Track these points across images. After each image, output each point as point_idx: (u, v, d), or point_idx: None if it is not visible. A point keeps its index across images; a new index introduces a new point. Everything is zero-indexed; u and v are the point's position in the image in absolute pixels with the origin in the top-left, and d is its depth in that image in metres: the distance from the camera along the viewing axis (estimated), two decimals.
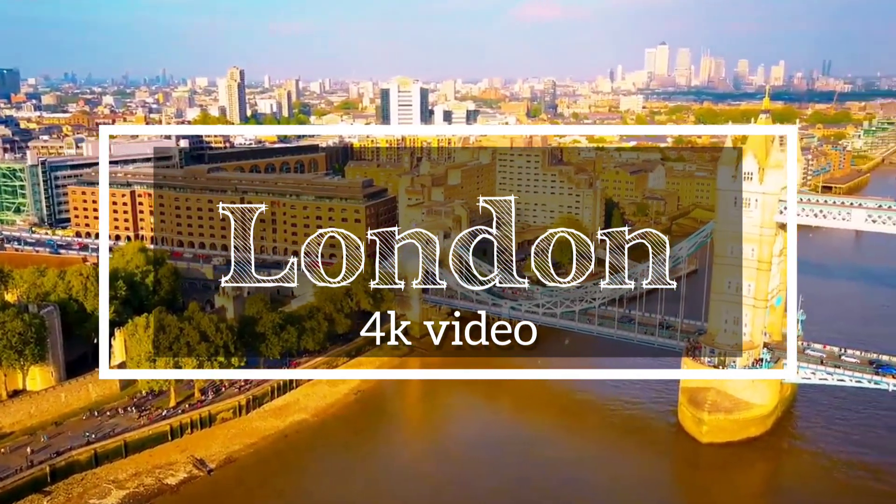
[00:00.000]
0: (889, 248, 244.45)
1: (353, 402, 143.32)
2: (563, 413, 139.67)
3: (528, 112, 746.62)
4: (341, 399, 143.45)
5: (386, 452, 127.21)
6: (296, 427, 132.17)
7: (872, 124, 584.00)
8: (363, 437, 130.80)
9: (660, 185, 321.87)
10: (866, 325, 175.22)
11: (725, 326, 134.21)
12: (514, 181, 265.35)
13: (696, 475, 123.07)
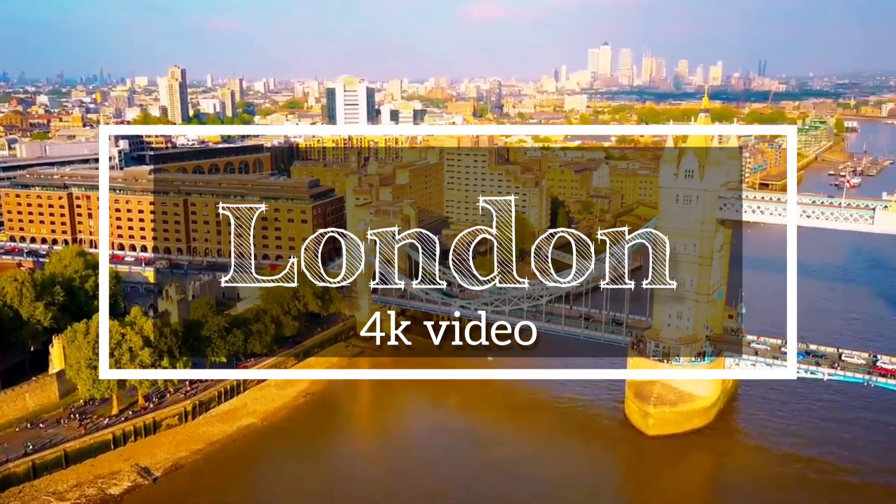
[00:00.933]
0: (823, 243, 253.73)
1: (303, 404, 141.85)
2: (513, 410, 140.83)
3: (474, 112, 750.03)
4: (290, 402, 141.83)
5: (338, 454, 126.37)
6: (244, 431, 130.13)
7: (805, 123, 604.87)
8: (314, 440, 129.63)
9: (604, 183, 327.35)
10: (804, 317, 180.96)
11: (669, 321, 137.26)
12: (462, 181, 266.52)
13: (642, 468, 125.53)
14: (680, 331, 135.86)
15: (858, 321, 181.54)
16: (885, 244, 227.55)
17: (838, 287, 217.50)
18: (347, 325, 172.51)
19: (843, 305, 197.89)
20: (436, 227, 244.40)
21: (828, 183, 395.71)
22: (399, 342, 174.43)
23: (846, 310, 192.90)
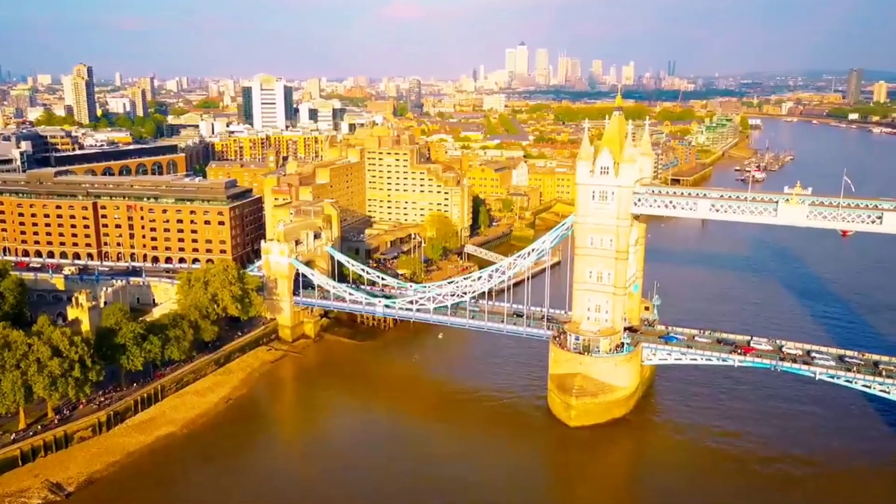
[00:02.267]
0: (731, 235, 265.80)
1: (225, 410, 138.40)
2: (439, 408, 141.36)
3: (394, 111, 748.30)
4: (212, 408, 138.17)
5: (264, 459, 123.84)
6: (163, 441, 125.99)
7: (713, 121, 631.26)
8: (238, 446, 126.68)
9: (523, 181, 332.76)
10: (715, 306, 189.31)
11: (588, 314, 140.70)
12: (383, 179, 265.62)
13: (566, 458, 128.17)
14: (599, 323, 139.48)
15: (765, 309, 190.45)
16: (788, 235, 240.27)
17: (747, 277, 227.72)
18: (269, 329, 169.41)
19: (751, 295, 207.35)
20: (358, 226, 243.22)
21: (734, 178, 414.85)
22: (323, 343, 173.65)
23: (754, 299, 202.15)
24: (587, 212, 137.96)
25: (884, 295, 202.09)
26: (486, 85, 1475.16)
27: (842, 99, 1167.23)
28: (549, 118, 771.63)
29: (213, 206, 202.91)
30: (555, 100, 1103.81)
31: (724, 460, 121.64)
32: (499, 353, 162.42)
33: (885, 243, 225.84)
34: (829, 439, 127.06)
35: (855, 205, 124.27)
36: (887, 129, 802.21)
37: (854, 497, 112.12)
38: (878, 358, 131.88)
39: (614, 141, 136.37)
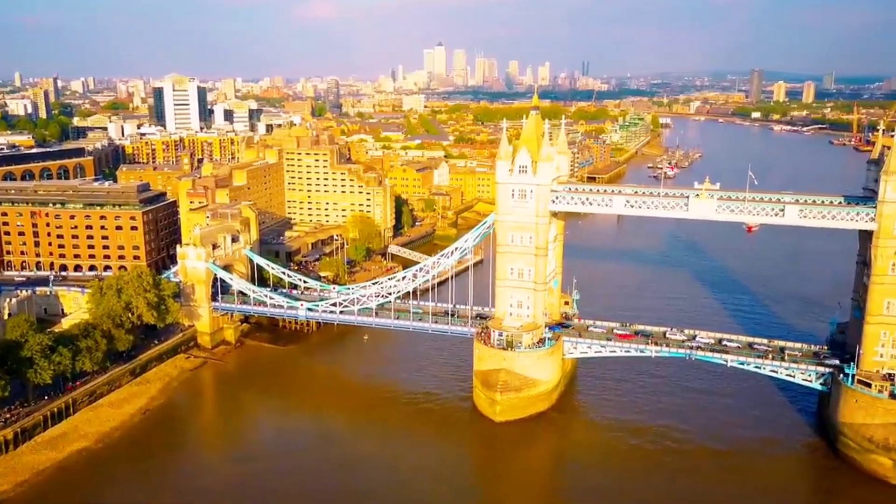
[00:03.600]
0: (645, 230, 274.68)
1: (143, 421, 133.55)
2: (365, 408, 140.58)
3: (312, 111, 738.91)
4: (127, 420, 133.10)
5: (186, 470, 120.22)
6: (76, 457, 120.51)
7: (626, 120, 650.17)
8: (158, 458, 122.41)
9: (444, 181, 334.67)
10: (632, 299, 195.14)
11: (510, 310, 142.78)
12: (303, 181, 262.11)
13: (492, 453, 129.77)
14: (521, 319, 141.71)
15: (679, 301, 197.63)
16: (698, 229, 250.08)
17: (661, 270, 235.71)
18: (187, 336, 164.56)
19: (665, 287, 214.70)
20: (278, 228, 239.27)
21: (647, 175, 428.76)
22: (244, 349, 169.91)
23: (669, 291, 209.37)
24: (507, 210, 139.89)
25: (787, 284, 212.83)
26: (406, 85, 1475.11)
27: (745, 98, 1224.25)
28: (469, 118, 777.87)
29: (124, 210, 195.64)
30: (473, 100, 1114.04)
31: (643, 449, 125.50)
32: (424, 353, 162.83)
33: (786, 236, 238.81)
34: (741, 423, 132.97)
35: (760, 199, 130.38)
36: (787, 126, 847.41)
37: (764, 478, 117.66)
38: (783, 344, 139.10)
39: (532, 140, 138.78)
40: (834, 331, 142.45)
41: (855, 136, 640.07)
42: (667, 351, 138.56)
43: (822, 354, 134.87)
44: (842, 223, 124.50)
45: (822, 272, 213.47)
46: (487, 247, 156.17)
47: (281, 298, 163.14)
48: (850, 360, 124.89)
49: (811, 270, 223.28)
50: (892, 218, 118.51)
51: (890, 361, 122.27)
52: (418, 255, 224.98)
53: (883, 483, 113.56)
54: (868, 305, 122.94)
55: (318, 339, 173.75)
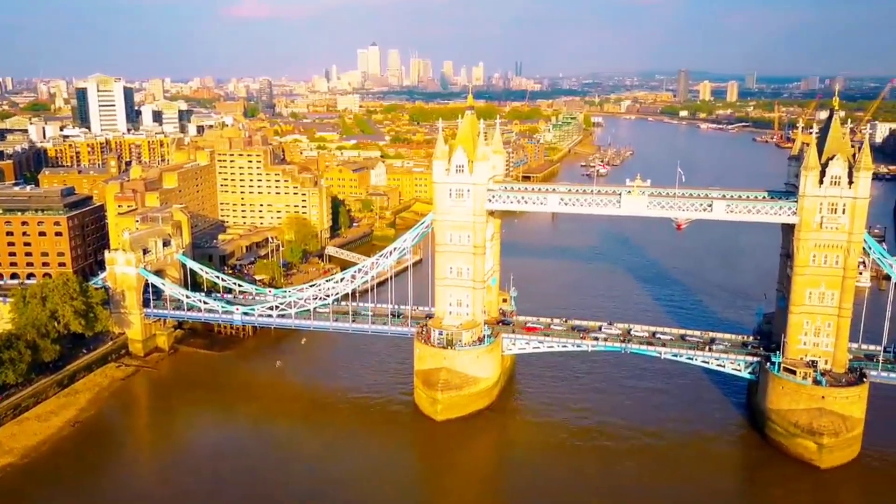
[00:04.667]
0: (579, 227, 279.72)
1: (72, 434, 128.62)
2: (306, 411, 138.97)
3: (245, 112, 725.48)
4: (56, 434, 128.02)
5: (119, 483, 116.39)
6: (1, 474, 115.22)
7: (559, 119, 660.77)
8: (89, 472, 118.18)
9: (382, 181, 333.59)
10: (568, 295, 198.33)
11: (450, 309, 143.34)
12: (236, 182, 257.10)
13: (434, 451, 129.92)
14: (461, 317, 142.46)
15: (614, 296, 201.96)
16: (630, 226, 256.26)
17: (595, 267, 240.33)
18: (118, 344, 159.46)
19: (600, 283, 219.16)
20: (211, 231, 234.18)
21: (580, 173, 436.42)
22: (178, 356, 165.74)
23: (603, 287, 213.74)
24: (445, 209, 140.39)
25: (716, 278, 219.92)
26: (340, 85, 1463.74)
27: (673, 97, 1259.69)
28: (404, 118, 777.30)
29: (48, 216, 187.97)
30: (409, 100, 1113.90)
31: (580, 442, 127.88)
32: (364, 354, 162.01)
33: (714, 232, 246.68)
34: (675, 413, 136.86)
35: (688, 195, 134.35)
36: (713, 124, 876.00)
37: (697, 465, 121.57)
38: (714, 335, 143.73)
39: (468, 140, 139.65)
40: (761, 321, 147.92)
41: (776, 134, 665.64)
42: (603, 345, 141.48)
43: (749, 344, 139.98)
44: (766, 217, 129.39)
45: (748, 265, 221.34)
46: (426, 246, 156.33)
47: (215, 303, 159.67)
48: (776, 348, 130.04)
49: (738, 264, 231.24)
50: (811, 211, 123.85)
51: (813, 349, 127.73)
52: (356, 256, 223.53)
53: (808, 465, 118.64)
54: (791, 296, 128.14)
55: (255, 344, 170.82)
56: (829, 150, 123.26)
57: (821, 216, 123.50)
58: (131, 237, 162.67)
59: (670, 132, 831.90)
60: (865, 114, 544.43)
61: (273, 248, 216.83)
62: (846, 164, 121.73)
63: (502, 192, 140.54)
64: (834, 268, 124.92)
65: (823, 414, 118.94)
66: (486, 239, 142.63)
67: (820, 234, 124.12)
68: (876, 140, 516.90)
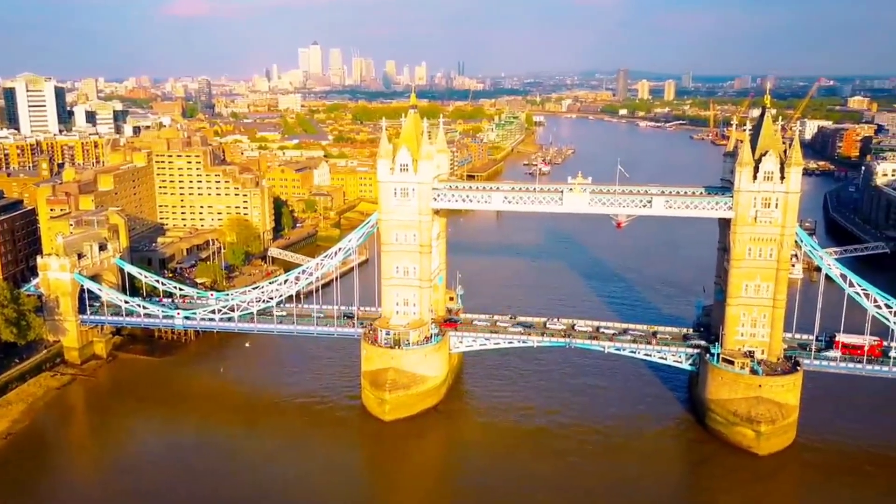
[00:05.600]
0: (523, 225, 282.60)
1: (5, 448, 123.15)
2: (251, 416, 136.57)
3: (183, 112, 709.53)
4: None
5: (59, 495, 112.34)
6: None
7: (502, 119, 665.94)
8: (26, 485, 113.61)
9: (325, 181, 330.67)
10: (513, 292, 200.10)
11: (397, 308, 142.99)
12: (175, 184, 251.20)
13: (382, 451, 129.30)
14: (408, 317, 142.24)
15: (559, 292, 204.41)
16: (573, 223, 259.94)
17: (540, 263, 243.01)
18: (53, 352, 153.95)
19: (545, 279, 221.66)
20: (150, 235, 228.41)
21: (524, 172, 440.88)
22: (117, 363, 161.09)
23: (548, 283, 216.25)
24: (390, 208, 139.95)
25: (657, 272, 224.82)
26: (281, 85, 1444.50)
27: (612, 96, 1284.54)
28: (347, 118, 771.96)
29: None
30: (351, 99, 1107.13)
31: (527, 437, 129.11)
32: (310, 357, 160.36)
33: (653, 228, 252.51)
34: (619, 406, 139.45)
35: (629, 191, 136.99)
36: (651, 122, 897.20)
37: (642, 455, 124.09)
38: (655, 328, 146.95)
39: (412, 138, 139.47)
40: (700, 314, 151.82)
41: (712, 131, 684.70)
42: (548, 340, 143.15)
43: (689, 336, 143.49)
44: (703, 212, 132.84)
45: (687, 260, 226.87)
46: (372, 246, 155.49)
47: (155, 308, 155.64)
48: (715, 340, 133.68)
49: (678, 258, 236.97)
50: (746, 206, 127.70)
51: (750, 340, 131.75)
52: (300, 258, 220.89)
53: (747, 453, 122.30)
54: (729, 288, 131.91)
55: (198, 349, 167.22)
56: (762, 147, 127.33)
57: (755, 210, 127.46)
58: (65, 241, 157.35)
59: (610, 130, 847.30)
60: (795, 112, 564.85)
61: (214, 250, 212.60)
62: (778, 159, 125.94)
63: (447, 190, 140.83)
64: (768, 260, 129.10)
65: (760, 402, 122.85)
66: (432, 238, 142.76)
67: (755, 227, 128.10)
68: (805, 137, 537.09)
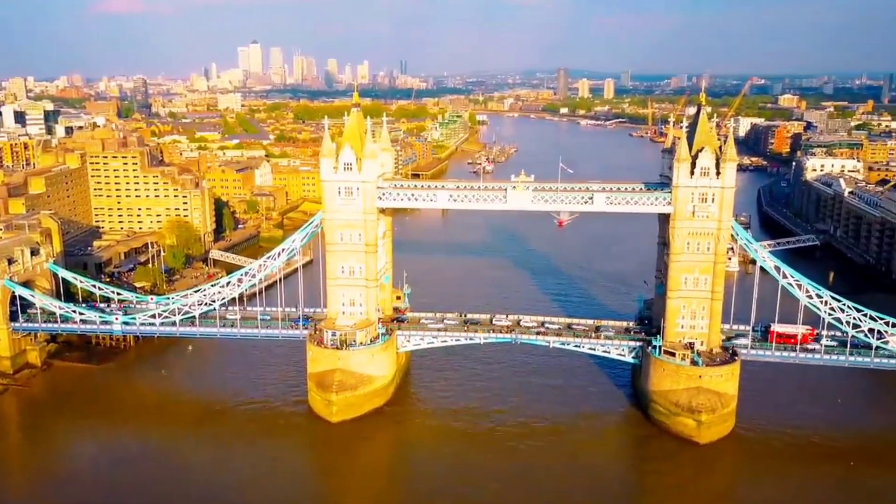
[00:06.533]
0: (468, 223, 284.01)
1: None
2: (195, 421, 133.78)
3: (118, 112, 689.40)
4: None
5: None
6: None
7: (445, 118, 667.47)
8: None
9: (267, 181, 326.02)
10: (459, 289, 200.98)
11: (343, 309, 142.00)
12: (111, 186, 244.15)
13: (331, 454, 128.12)
14: (354, 317, 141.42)
15: (504, 289, 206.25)
16: (516, 221, 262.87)
17: (485, 261, 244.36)
18: None
19: (491, 276, 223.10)
20: (85, 238, 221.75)
21: (468, 171, 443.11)
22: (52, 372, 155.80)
23: (494, 280, 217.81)
24: (334, 208, 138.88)
25: (600, 268, 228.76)
26: (220, 84, 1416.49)
27: (553, 95, 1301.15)
28: (289, 117, 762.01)
29: None
30: (293, 98, 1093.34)
31: (475, 434, 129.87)
32: (255, 360, 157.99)
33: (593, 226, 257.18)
34: (565, 400, 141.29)
35: (571, 188, 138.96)
36: (592, 121, 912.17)
37: (588, 447, 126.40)
38: (599, 322, 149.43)
39: (355, 137, 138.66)
40: (642, 307, 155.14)
41: (650, 129, 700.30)
42: (494, 337, 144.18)
43: (632, 330, 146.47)
44: (643, 208, 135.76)
45: (629, 255, 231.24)
46: (316, 246, 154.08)
47: (92, 313, 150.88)
48: (657, 333, 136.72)
49: (620, 254, 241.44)
50: (684, 201, 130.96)
51: (690, 331, 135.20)
52: (243, 259, 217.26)
53: (689, 441, 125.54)
54: (668, 282, 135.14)
55: (138, 354, 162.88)
56: (699, 143, 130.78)
57: (693, 205, 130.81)
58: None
59: (552, 129, 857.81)
60: (729, 109, 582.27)
61: (154, 253, 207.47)
62: (714, 156, 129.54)
63: (392, 189, 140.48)
64: (706, 254, 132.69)
65: (701, 392, 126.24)
66: (378, 237, 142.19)
67: (692, 222, 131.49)
68: (739, 134, 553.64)
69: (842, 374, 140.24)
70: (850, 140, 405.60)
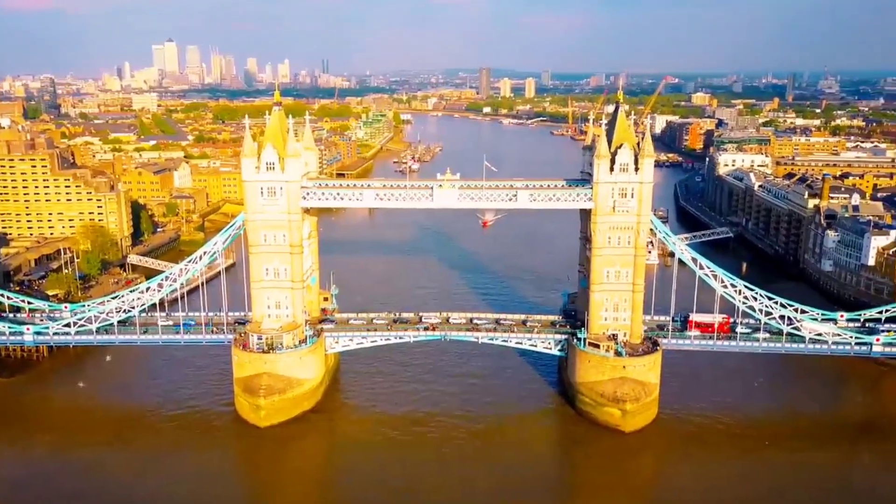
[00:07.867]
0: (395, 222, 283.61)
1: None
2: (117, 432, 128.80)
3: (25, 113, 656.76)
4: None
5: None
6: None
7: (369, 117, 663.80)
8: None
9: (187, 183, 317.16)
10: (387, 288, 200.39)
11: (269, 311, 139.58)
12: (18, 190, 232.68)
13: (259, 458, 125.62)
14: (281, 320, 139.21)
15: (432, 287, 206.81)
16: (443, 219, 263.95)
17: (413, 259, 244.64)
18: None
19: (418, 274, 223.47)
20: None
21: (394, 170, 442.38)
22: None
23: (422, 278, 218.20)
24: (257, 209, 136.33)
25: (525, 264, 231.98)
26: (135, 83, 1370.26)
27: (476, 94, 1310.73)
28: (208, 117, 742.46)
29: None
30: (212, 98, 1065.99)
31: (406, 433, 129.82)
32: (178, 367, 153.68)
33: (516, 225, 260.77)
34: (494, 394, 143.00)
35: (495, 186, 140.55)
36: (514, 119, 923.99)
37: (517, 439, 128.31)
38: (526, 317, 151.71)
39: (277, 136, 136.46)
40: (566, 301, 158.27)
41: (571, 127, 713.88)
42: (423, 335, 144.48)
43: (558, 323, 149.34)
44: (565, 204, 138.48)
45: (553, 251, 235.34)
46: (239, 249, 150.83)
47: (1, 324, 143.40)
48: (581, 325, 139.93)
49: (544, 250, 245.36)
50: (605, 196, 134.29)
51: (613, 323, 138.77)
52: (162, 264, 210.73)
53: (615, 431, 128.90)
54: (591, 276, 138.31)
55: (52, 366, 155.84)
56: (617, 140, 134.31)
57: (613, 200, 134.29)
58: None
59: (475, 128, 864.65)
60: (645, 107, 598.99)
61: (67, 259, 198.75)
62: (632, 152, 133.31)
63: (317, 188, 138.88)
64: (626, 248, 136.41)
65: (625, 382, 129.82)
66: (303, 237, 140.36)
67: (613, 217, 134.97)
68: (655, 131, 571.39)
69: (758, 360, 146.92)
70: (758, 136, 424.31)
